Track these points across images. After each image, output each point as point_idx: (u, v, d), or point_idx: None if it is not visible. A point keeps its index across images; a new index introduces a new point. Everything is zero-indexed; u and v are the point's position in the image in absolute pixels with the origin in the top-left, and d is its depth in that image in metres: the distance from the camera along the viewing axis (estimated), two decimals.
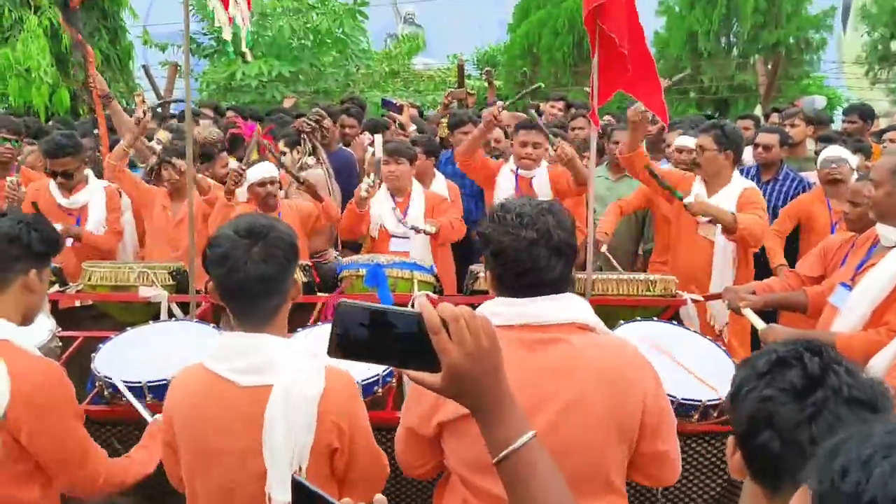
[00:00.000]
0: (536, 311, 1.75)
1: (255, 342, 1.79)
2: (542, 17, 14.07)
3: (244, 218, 1.88)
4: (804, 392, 1.09)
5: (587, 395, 1.71)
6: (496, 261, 1.76)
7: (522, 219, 1.75)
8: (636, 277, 3.44)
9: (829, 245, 3.39)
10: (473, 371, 1.04)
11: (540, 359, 1.72)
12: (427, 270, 3.71)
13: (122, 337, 2.95)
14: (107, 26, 11.50)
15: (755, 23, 12.78)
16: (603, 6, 3.02)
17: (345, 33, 12.46)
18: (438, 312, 1.02)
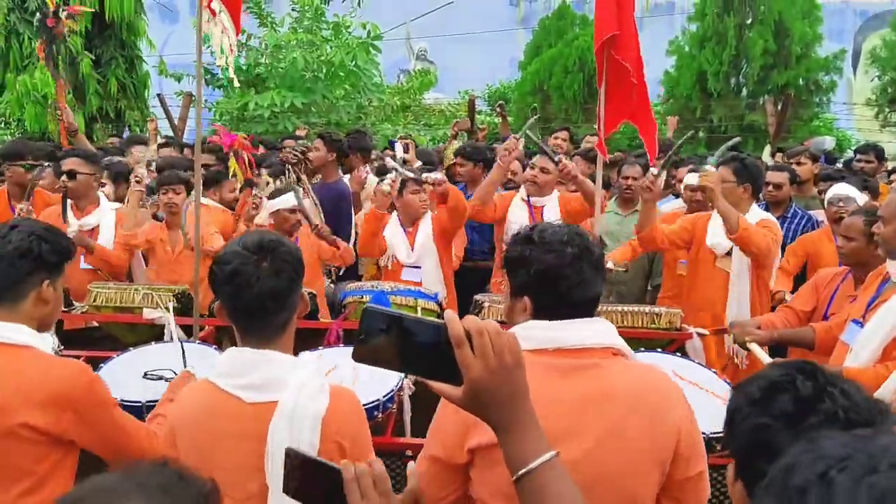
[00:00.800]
0: (572, 334, 1.71)
1: (261, 358, 1.79)
2: (554, 55, 14.21)
3: (250, 235, 1.90)
4: (797, 418, 1.06)
5: (624, 424, 1.68)
6: (539, 281, 1.72)
7: (562, 237, 1.75)
8: (641, 310, 3.42)
9: (821, 278, 3.40)
10: (495, 387, 1.04)
11: (575, 385, 1.68)
12: (431, 298, 3.70)
13: (124, 357, 2.95)
14: (124, 55, 11.69)
15: (764, 64, 12.85)
16: (617, 37, 3.07)
17: (357, 66, 12.60)
18: (464, 325, 1.01)
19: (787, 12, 12.93)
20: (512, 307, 1.80)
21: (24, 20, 11.08)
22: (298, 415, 1.76)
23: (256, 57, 12.59)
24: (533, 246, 1.74)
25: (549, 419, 1.47)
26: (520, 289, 1.76)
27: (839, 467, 0.67)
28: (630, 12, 3.05)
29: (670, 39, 14.24)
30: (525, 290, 1.75)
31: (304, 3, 12.96)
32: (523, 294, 1.75)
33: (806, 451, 0.71)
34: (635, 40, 3.07)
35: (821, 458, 0.69)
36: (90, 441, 2.04)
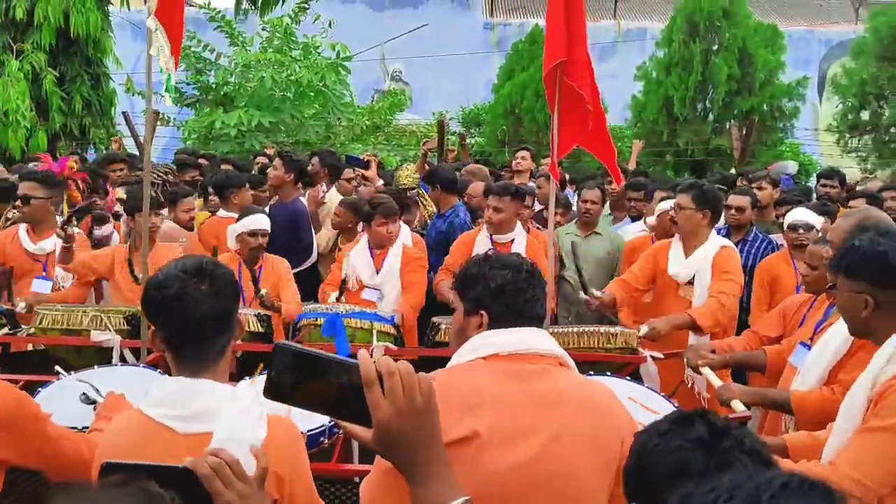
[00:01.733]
0: (529, 340, 1.85)
1: (196, 388, 1.74)
2: (525, 79, 14.32)
3: (186, 259, 1.86)
4: (712, 442, 1.10)
5: (572, 427, 1.78)
6: (496, 295, 1.87)
7: (514, 258, 1.98)
8: (597, 330, 3.41)
9: (789, 305, 3.40)
10: (403, 429, 1.01)
11: (527, 388, 1.79)
12: (388, 321, 3.66)
13: (64, 381, 2.86)
14: (89, 72, 11.53)
15: (729, 89, 13.06)
16: (568, 63, 3.08)
17: (327, 86, 12.60)
18: (375, 365, 1.00)
19: (751, 40, 13.17)
20: (466, 324, 1.91)
21: None
22: (234, 446, 1.70)
23: (225, 76, 12.53)
24: (490, 264, 1.92)
25: (503, 419, 1.73)
26: (475, 304, 1.89)
27: (727, 496, 0.72)
28: (581, 39, 3.07)
29: (638, 65, 14.44)
30: (481, 305, 1.88)
31: (275, 24, 12.95)
32: (479, 309, 1.88)
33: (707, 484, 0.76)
34: (588, 66, 3.09)
35: (714, 490, 0.74)
36: (26, 457, 2.00)
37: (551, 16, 3.12)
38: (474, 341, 1.86)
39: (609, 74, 14.74)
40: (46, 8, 10.68)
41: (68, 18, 10.79)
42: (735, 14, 13.21)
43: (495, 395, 1.76)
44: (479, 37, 21.20)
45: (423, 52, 19.22)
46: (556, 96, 3.12)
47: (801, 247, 4.45)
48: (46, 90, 10.87)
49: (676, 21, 13.48)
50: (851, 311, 2.09)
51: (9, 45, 10.94)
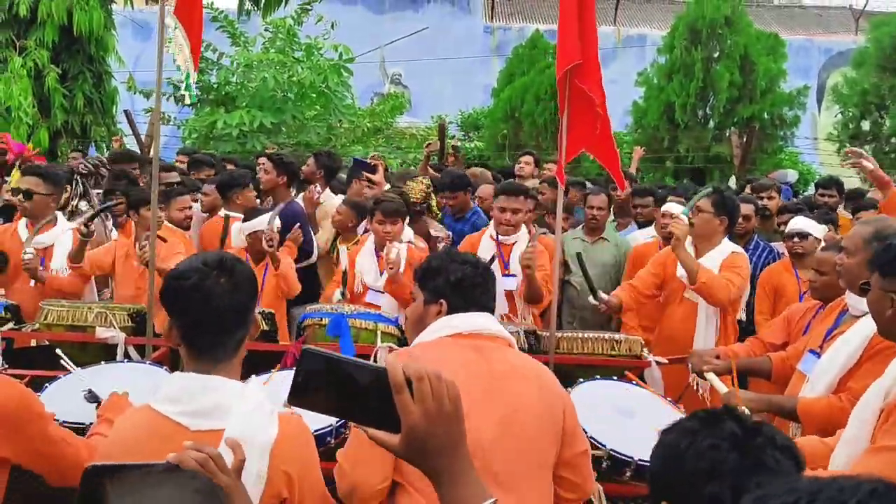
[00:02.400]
0: (484, 322, 2.13)
1: (208, 384, 1.74)
2: (526, 83, 14.34)
3: (207, 253, 1.87)
4: (745, 439, 1.10)
5: (527, 395, 2.02)
6: (454, 289, 2.13)
7: (472, 256, 2.28)
8: (601, 336, 3.42)
9: (793, 313, 3.41)
10: (433, 434, 1.01)
11: (488, 361, 2.04)
12: (391, 322, 3.66)
13: (70, 377, 2.86)
14: (91, 70, 11.51)
15: (730, 97, 13.08)
16: (580, 66, 3.08)
17: (328, 88, 12.61)
18: (404, 370, 1.00)
19: (752, 47, 13.21)
20: (426, 312, 2.18)
21: None
22: (246, 443, 1.71)
23: (227, 76, 12.53)
24: (450, 259, 2.20)
25: (474, 386, 1.90)
26: (435, 293, 2.16)
27: (808, 499, 0.70)
28: (593, 42, 3.08)
29: (639, 71, 14.47)
30: (441, 295, 2.15)
31: (277, 24, 12.96)
32: (439, 298, 2.15)
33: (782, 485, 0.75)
34: (598, 70, 3.10)
35: (794, 491, 0.72)
36: (25, 457, 1.99)
37: (564, 19, 3.12)
38: (437, 324, 2.12)
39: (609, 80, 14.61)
40: (50, 5, 10.67)
41: (71, 16, 10.78)
42: (737, 22, 13.25)
43: (464, 365, 2.00)
44: (478, 41, 21.25)
45: (422, 55, 19.26)
46: (566, 99, 3.12)
47: (799, 255, 4.48)
48: (49, 87, 10.85)
49: (678, 28, 13.51)
50: (880, 310, 2.10)
51: (12, 41, 10.92)
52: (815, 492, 0.70)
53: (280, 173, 5.43)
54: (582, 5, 3.03)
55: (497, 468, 1.91)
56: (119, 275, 4.55)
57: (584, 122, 3.17)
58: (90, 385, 2.65)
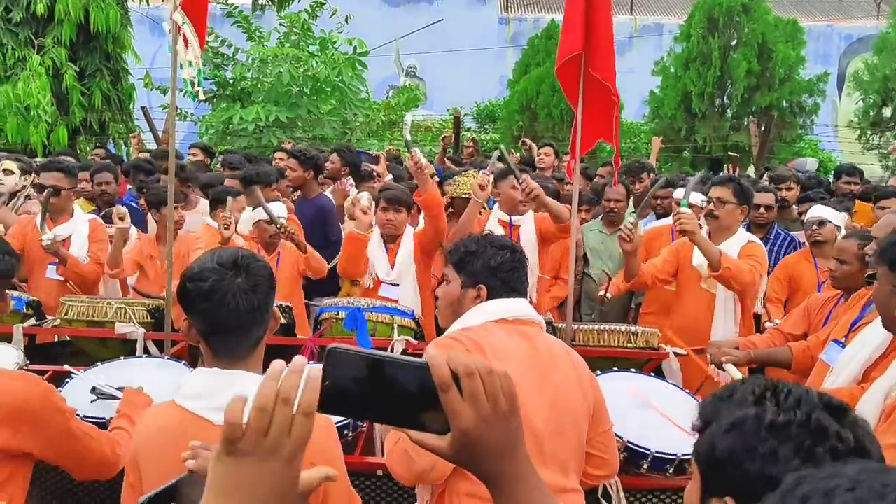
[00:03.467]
0: (526, 308, 2.20)
1: (231, 379, 1.74)
2: (541, 73, 14.27)
3: (222, 251, 1.86)
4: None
5: (569, 378, 2.09)
6: (494, 274, 2.17)
7: (507, 241, 2.30)
8: (618, 328, 3.40)
9: (814, 303, 3.37)
10: (489, 437, 0.88)
11: (535, 347, 2.10)
12: (408, 315, 3.66)
13: (91, 372, 2.89)
14: (109, 67, 11.62)
15: (748, 85, 12.95)
16: (591, 54, 3.04)
17: (343, 82, 12.60)
18: (450, 365, 0.86)
19: (770, 35, 13.07)
20: (463, 295, 2.20)
21: (8, 31, 11.00)
22: None
23: (242, 71, 12.57)
24: (488, 244, 2.22)
25: (526, 369, 2.00)
26: (473, 277, 2.18)
27: (848, 486, 0.67)
28: (607, 28, 3.02)
29: (656, 60, 14.35)
30: (479, 279, 2.17)
31: (292, 19, 12.97)
32: (477, 283, 2.18)
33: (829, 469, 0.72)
34: (613, 57, 3.05)
35: (837, 477, 0.69)
36: (48, 452, 2.02)
37: (570, 7, 3.08)
38: (478, 309, 2.15)
39: (625, 70, 14.67)
40: (67, 3, 10.77)
41: (88, 14, 10.88)
42: (754, 9, 13.10)
43: (511, 348, 2.07)
44: (493, 32, 21.18)
45: (437, 47, 19.22)
46: (580, 90, 3.09)
47: (817, 243, 4.43)
48: (67, 85, 10.97)
49: (695, 16, 13.39)
50: (886, 304, 2.08)
51: (30, 40, 11.03)
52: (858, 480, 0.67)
53: (305, 168, 5.48)
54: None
55: (548, 450, 1.99)
56: (145, 272, 4.61)
57: (600, 110, 3.13)
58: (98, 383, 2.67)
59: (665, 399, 2.73)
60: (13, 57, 10.89)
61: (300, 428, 0.81)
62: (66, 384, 2.76)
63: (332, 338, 3.56)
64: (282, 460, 0.81)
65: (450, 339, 2.10)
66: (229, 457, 0.82)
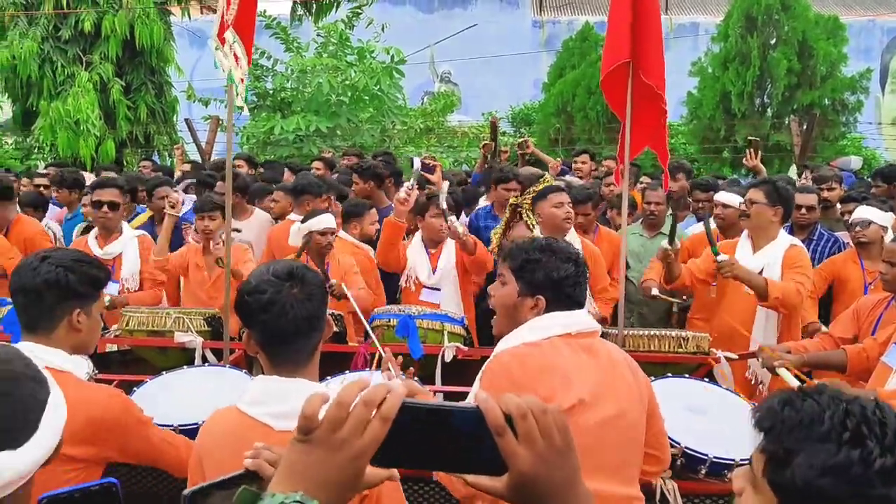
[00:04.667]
0: (584, 320, 2.16)
1: (291, 386, 1.82)
2: (577, 76, 14.22)
3: (277, 263, 1.94)
4: None
5: (626, 382, 2.10)
6: (556, 287, 2.12)
7: (570, 249, 2.21)
8: (668, 334, 3.42)
9: (863, 305, 3.34)
10: (547, 476, 0.88)
11: (599, 360, 2.09)
12: (458, 322, 3.72)
13: (156, 381, 3.00)
14: (153, 81, 11.92)
15: (789, 83, 12.75)
16: (642, 61, 3.05)
17: (381, 90, 12.74)
18: (502, 407, 0.87)
19: (811, 32, 12.87)
20: (520, 303, 2.15)
21: (57, 48, 11.34)
22: None
23: (282, 81, 12.78)
24: (552, 254, 2.14)
25: (592, 385, 2.01)
26: (533, 287, 2.13)
27: None
28: (657, 35, 3.03)
29: (693, 60, 14.22)
30: (540, 290, 2.12)
31: (330, 29, 13.16)
32: (536, 293, 2.12)
33: None
34: (662, 64, 3.07)
35: None
36: (129, 459, 2.15)
37: (614, 15, 3.10)
38: (542, 322, 2.11)
39: None
40: (113, 21, 11.08)
41: (133, 30, 11.18)
42: (794, 6, 12.91)
43: (581, 366, 2.05)
44: (528, 35, 21.17)
45: (472, 52, 19.27)
46: (628, 97, 3.11)
47: (862, 244, 4.39)
48: (114, 99, 11.28)
49: (733, 15, 13.25)
50: None
51: (78, 57, 11.37)
52: None
53: (365, 180, 5.56)
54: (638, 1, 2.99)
55: (616, 461, 2.01)
56: (191, 286, 4.70)
57: (649, 116, 3.15)
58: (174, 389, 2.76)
59: (720, 404, 2.74)
60: (63, 74, 11.23)
61: (374, 431, 0.85)
62: (133, 392, 2.86)
63: (383, 344, 3.63)
64: (349, 457, 0.86)
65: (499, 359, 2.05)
66: (301, 444, 0.89)
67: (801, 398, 1.09)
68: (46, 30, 11.28)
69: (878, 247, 4.29)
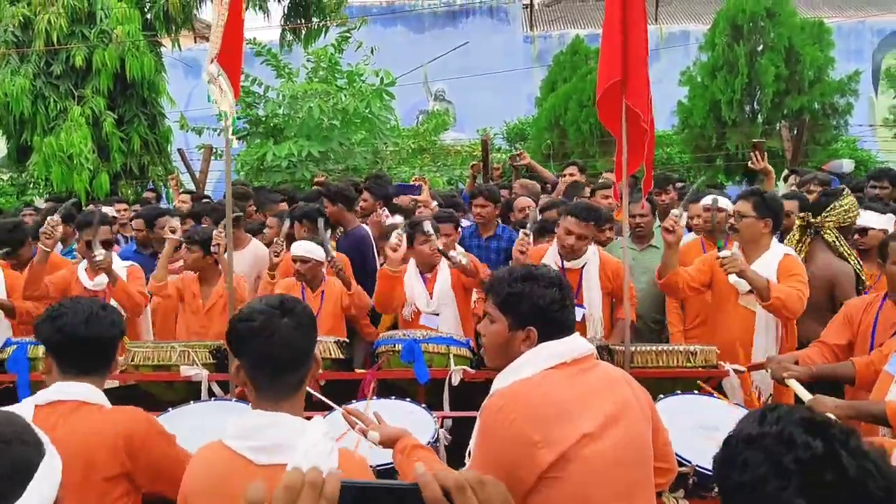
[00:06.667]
0: (579, 345, 2.08)
1: (273, 420, 1.84)
2: (568, 90, 14.29)
3: (269, 296, 1.99)
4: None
5: (628, 400, 2.06)
6: (543, 315, 2.04)
7: (552, 274, 2.12)
8: (676, 349, 3.41)
9: (853, 309, 3.33)
10: None
11: (596, 384, 2.04)
12: (463, 344, 3.71)
13: (162, 418, 2.98)
14: (145, 112, 11.92)
15: (778, 90, 12.83)
16: (629, 82, 3.08)
17: (372, 113, 12.78)
18: (440, 482, 0.88)
19: (797, 37, 12.96)
20: (512, 338, 2.07)
21: (49, 84, 11.37)
22: None
23: (274, 108, 12.81)
24: (534, 282, 2.06)
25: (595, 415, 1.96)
26: (521, 320, 2.05)
27: None
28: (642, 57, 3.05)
29: (682, 70, 14.30)
30: (528, 321, 2.05)
31: (319, 54, 13.21)
32: (526, 325, 2.05)
33: None
34: (648, 85, 3.08)
35: None
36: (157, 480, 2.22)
37: (606, 34, 3.12)
38: (533, 355, 2.03)
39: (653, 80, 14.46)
40: (104, 54, 11.10)
41: (124, 63, 11.19)
42: (779, 13, 13.01)
43: (581, 397, 1.98)
44: (519, 51, 21.28)
45: (464, 69, 19.37)
46: (623, 116, 3.13)
47: (862, 252, 4.38)
48: (107, 132, 11.27)
49: (719, 24, 13.35)
50: None
51: (70, 91, 11.38)
52: None
53: (334, 203, 5.61)
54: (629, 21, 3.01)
55: (629, 486, 1.98)
56: (187, 311, 4.73)
57: (638, 136, 3.17)
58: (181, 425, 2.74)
59: (730, 419, 2.73)
60: (55, 109, 11.23)
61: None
62: None
63: (389, 370, 3.62)
64: None
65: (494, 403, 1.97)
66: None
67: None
68: (38, 66, 11.29)
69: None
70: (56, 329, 2.22)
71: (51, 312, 2.28)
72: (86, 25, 11.38)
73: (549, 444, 1.86)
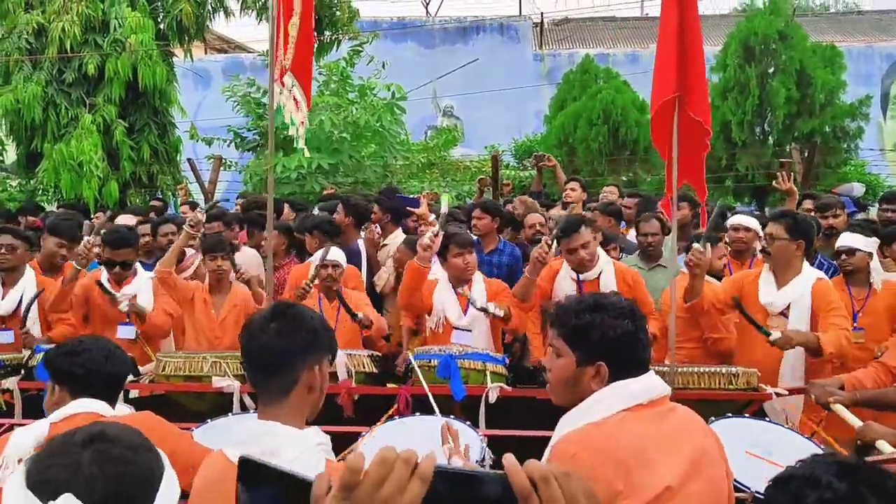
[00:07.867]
0: (654, 384, 1.90)
1: (264, 429, 1.82)
2: (578, 108, 14.32)
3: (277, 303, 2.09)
4: None
5: (706, 446, 1.90)
6: (614, 349, 1.86)
7: (623, 303, 1.93)
8: (718, 370, 3.36)
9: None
10: None
11: (674, 429, 1.86)
12: (499, 361, 3.66)
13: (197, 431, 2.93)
14: (156, 122, 11.91)
15: (789, 112, 12.87)
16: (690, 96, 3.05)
17: (383, 127, 12.78)
18: (527, 473, 0.88)
19: (808, 60, 13.01)
20: (580, 373, 1.89)
21: (61, 91, 11.36)
22: None
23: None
24: (605, 313, 1.89)
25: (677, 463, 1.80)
26: (590, 353, 1.88)
27: None
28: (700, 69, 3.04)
29: None
30: (598, 355, 1.87)
31: (331, 67, 13.24)
32: (596, 359, 1.87)
33: None
34: (707, 100, 3.07)
35: None
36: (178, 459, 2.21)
37: (662, 49, 3.11)
38: (609, 394, 1.86)
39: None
40: (116, 63, 11.10)
41: (136, 72, 11.19)
42: (791, 36, 13.07)
43: (661, 445, 1.81)
44: (529, 68, 21.34)
45: (474, 86, 19.42)
46: (674, 130, 3.10)
47: (849, 272, 4.35)
48: (117, 141, 11.25)
49: (731, 46, 13.40)
50: None
51: (82, 99, 11.37)
52: None
53: (347, 214, 5.74)
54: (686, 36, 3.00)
55: None
56: (195, 317, 4.70)
57: (691, 150, 3.14)
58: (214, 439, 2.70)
59: (783, 443, 2.69)
60: (66, 116, 11.22)
61: (413, 490, 0.86)
62: None
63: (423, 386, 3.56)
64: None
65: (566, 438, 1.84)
66: (343, 502, 0.87)
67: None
68: (50, 73, 11.29)
69: (864, 274, 4.29)
70: (79, 364, 2.37)
71: (70, 348, 2.42)
72: (99, 34, 11.39)
73: (632, 495, 1.72)
